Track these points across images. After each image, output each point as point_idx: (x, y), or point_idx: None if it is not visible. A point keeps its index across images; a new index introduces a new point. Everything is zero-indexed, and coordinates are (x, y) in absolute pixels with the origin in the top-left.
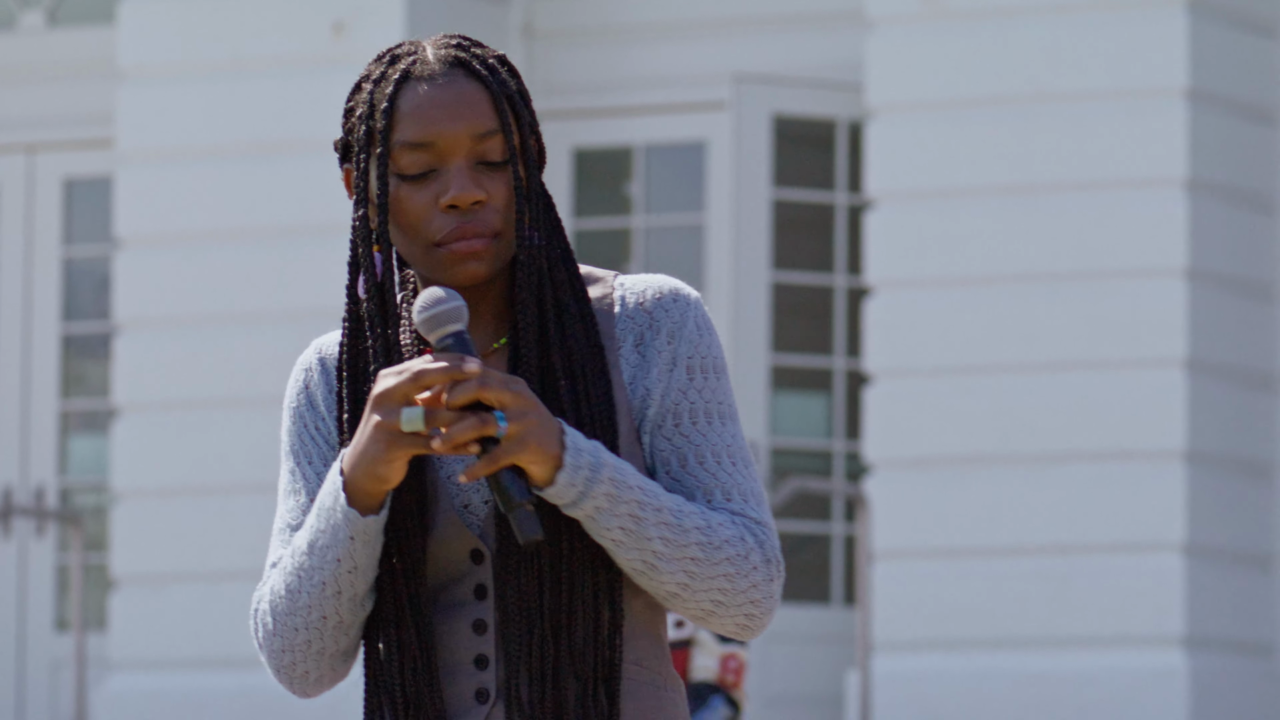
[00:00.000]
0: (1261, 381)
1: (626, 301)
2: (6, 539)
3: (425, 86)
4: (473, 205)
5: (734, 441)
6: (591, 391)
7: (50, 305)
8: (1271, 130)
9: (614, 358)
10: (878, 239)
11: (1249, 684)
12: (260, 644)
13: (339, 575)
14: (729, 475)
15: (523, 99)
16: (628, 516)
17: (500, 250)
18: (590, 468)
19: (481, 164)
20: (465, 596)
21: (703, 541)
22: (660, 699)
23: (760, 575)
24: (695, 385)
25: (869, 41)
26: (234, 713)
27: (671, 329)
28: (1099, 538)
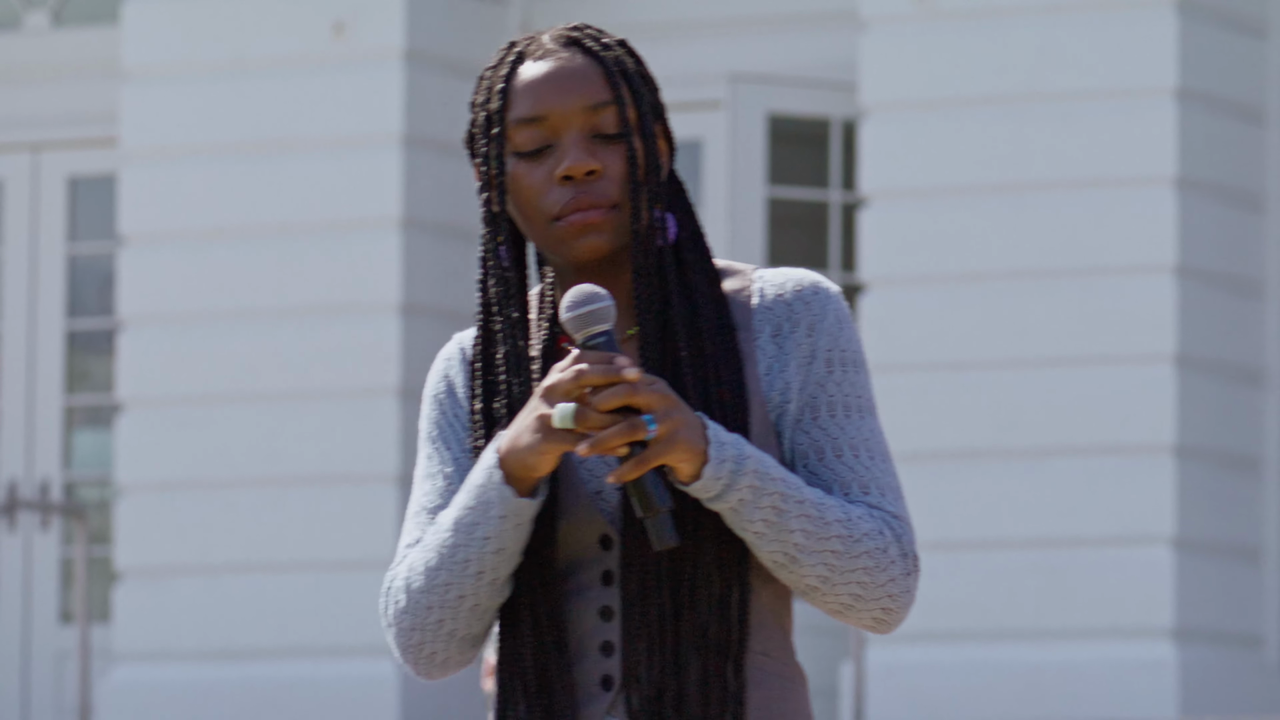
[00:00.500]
0: (1250, 377)
1: (765, 294)
2: (12, 532)
3: (538, 64)
4: (587, 175)
5: (872, 435)
6: (722, 382)
7: (55, 301)
8: (1260, 129)
9: (750, 348)
10: (871, 237)
11: (1237, 675)
12: (389, 622)
13: (483, 554)
14: (867, 469)
15: (643, 79)
16: (770, 509)
17: (620, 223)
18: (734, 461)
19: (597, 136)
20: (592, 582)
21: (843, 535)
22: (785, 690)
23: (898, 569)
24: (834, 378)
25: (863, 41)
26: (237, 704)
27: (811, 322)
28: (1090, 531)
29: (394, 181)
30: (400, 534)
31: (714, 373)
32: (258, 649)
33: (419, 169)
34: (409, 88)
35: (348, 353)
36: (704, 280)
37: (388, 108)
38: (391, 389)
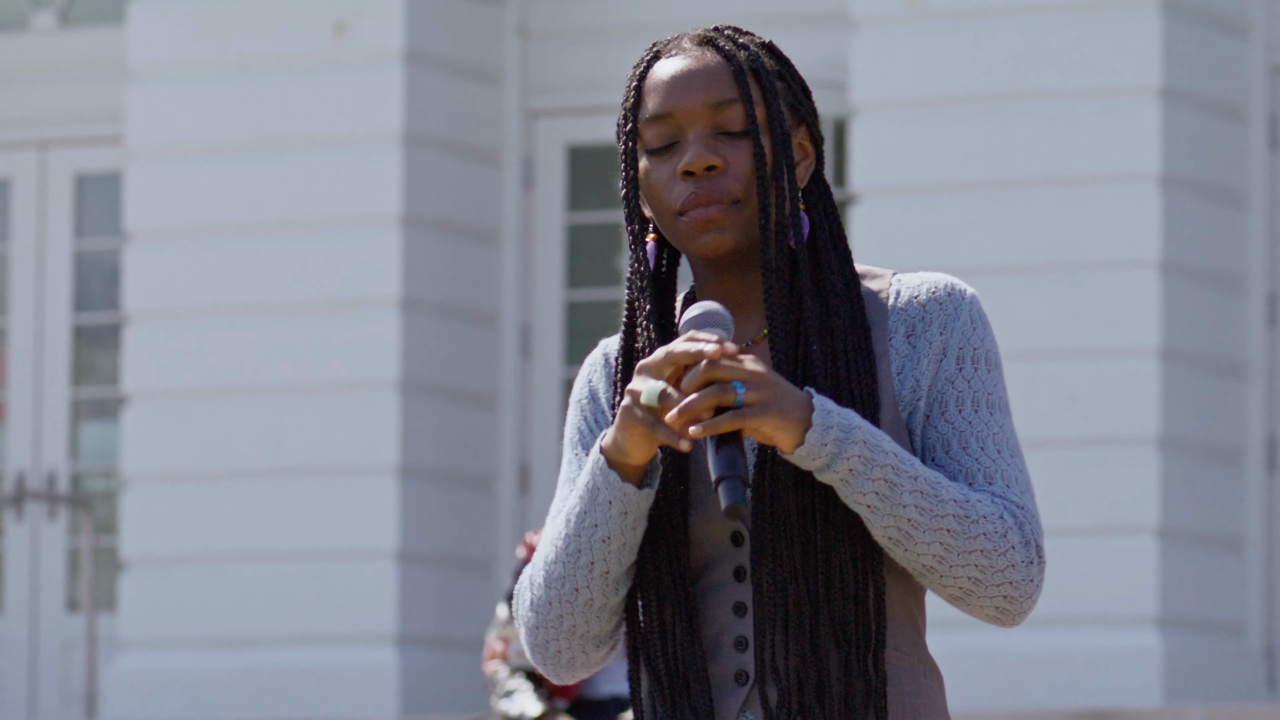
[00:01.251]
0: (1232, 370)
1: (901, 295)
2: (19, 522)
3: (669, 62)
4: (707, 170)
5: (1000, 431)
6: (853, 379)
7: (62, 296)
8: (1243, 127)
9: (884, 348)
10: (862, 232)
11: (1221, 663)
12: (520, 622)
13: (593, 543)
14: (992, 461)
15: (781, 79)
16: (881, 481)
17: (742, 220)
18: (841, 429)
19: (722, 134)
20: (725, 578)
21: (959, 514)
22: (920, 685)
23: (1019, 556)
24: (964, 374)
25: (853, 41)
26: (240, 691)
27: (944, 321)
28: (1075, 521)
29: (394, 179)
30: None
31: (845, 370)
32: (261, 637)
33: (419, 166)
34: (409, 87)
35: (349, 346)
36: (839, 280)
37: (388, 106)
38: (391, 382)
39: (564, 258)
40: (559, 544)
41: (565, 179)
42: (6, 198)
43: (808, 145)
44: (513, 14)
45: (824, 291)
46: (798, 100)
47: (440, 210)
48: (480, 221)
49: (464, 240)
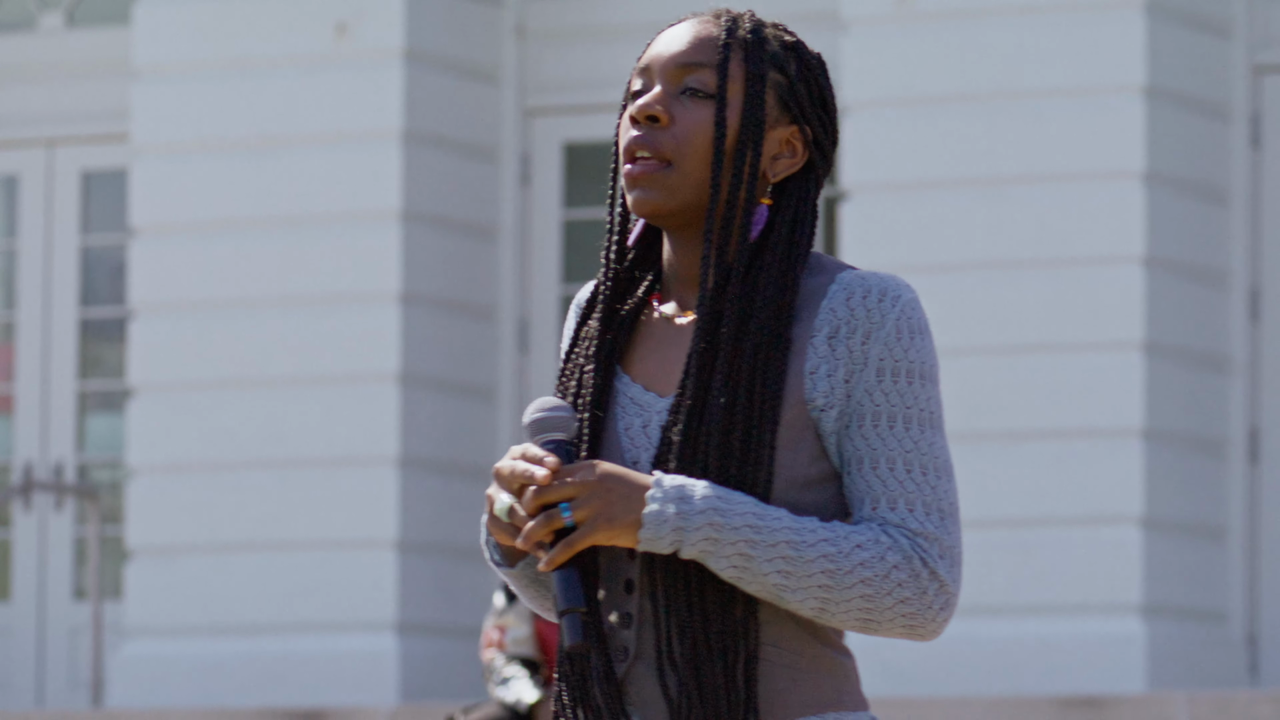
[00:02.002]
0: (1215, 363)
1: (835, 295)
2: (27, 512)
3: (674, 25)
4: (648, 120)
5: (915, 448)
6: (759, 371)
7: (69, 291)
8: (1225, 125)
9: (802, 344)
10: (852, 228)
11: (1203, 650)
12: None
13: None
14: (899, 483)
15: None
16: (736, 555)
17: (673, 181)
18: (679, 519)
19: (687, 93)
20: (619, 554)
21: (829, 568)
22: (796, 680)
23: (909, 589)
24: (882, 388)
25: (844, 41)
26: (243, 677)
27: (868, 329)
28: (1061, 511)
29: (394, 176)
30: None
31: (751, 361)
32: (263, 624)
33: (418, 164)
34: (409, 86)
35: (350, 340)
36: (775, 274)
37: (388, 105)
38: (392, 375)
39: (560, 253)
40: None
41: (562, 176)
42: (14, 194)
43: (797, 145)
44: (510, 14)
45: (753, 282)
46: (797, 99)
47: (439, 206)
48: (478, 218)
49: (462, 236)
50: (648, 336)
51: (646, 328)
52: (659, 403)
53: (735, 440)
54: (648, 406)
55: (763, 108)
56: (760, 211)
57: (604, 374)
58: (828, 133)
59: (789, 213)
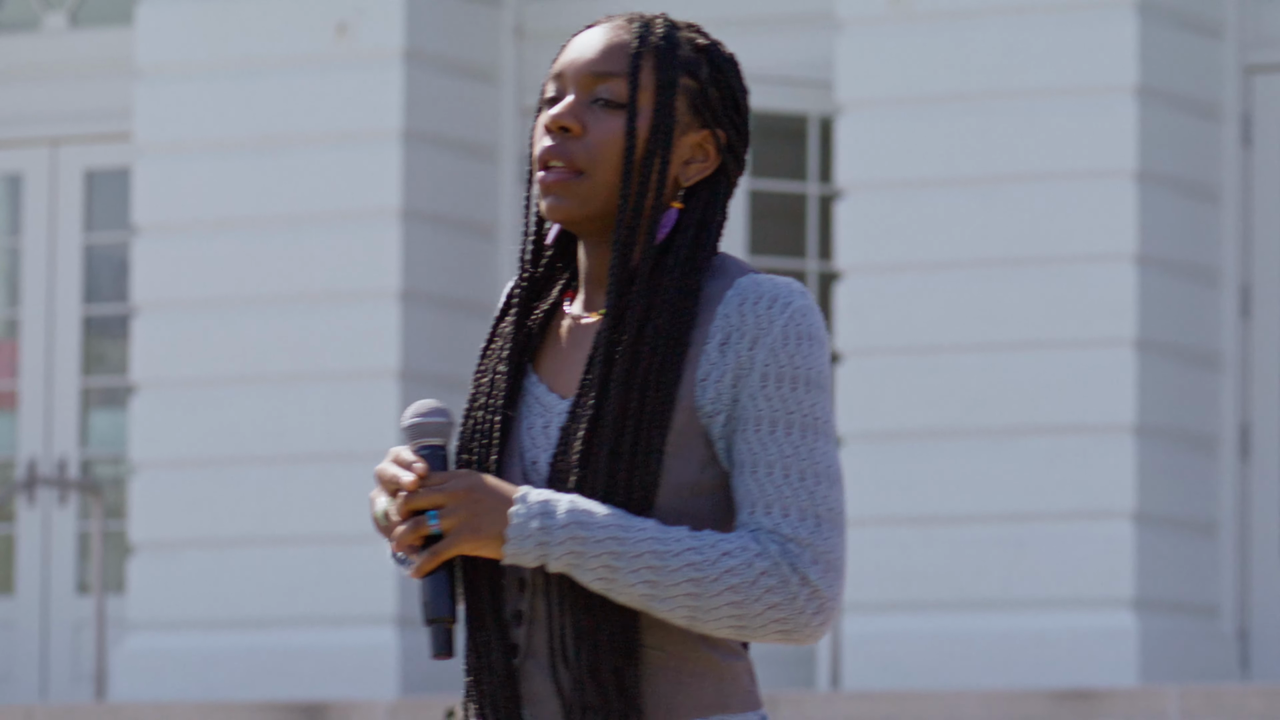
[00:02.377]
0: (1206, 360)
1: (731, 300)
2: (31, 508)
3: (588, 30)
4: (561, 130)
5: (797, 455)
6: (652, 378)
7: (72, 288)
8: (1216, 124)
9: (697, 351)
10: (847, 227)
11: (1195, 643)
12: None
13: None
14: (777, 488)
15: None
16: (601, 568)
17: (585, 190)
18: (542, 533)
19: (599, 102)
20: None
21: (695, 576)
22: (680, 683)
23: (780, 595)
24: (766, 394)
25: (838, 41)
26: (244, 671)
27: (756, 335)
28: (1054, 506)
29: (394, 174)
30: None
31: (647, 367)
32: (265, 618)
33: (418, 162)
34: (408, 85)
35: (350, 337)
36: (677, 279)
37: (388, 104)
38: (391, 371)
39: None
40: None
41: None
42: (18, 193)
43: (709, 149)
44: (509, 15)
45: (655, 288)
46: (709, 104)
47: (439, 205)
48: (478, 215)
49: (462, 234)
50: (558, 337)
51: (558, 328)
52: (560, 404)
53: (625, 445)
54: (550, 407)
55: (673, 116)
56: (669, 215)
57: (514, 374)
58: (739, 135)
59: (696, 216)
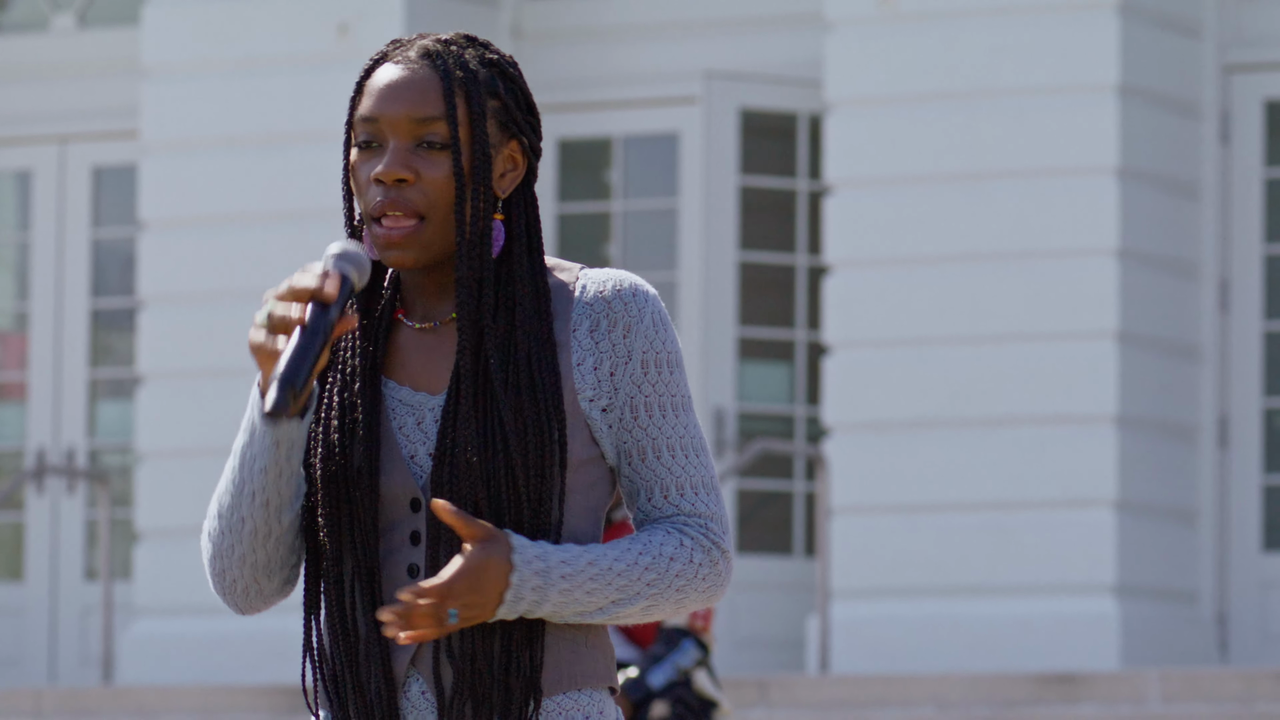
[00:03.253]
0: (1186, 352)
1: (587, 290)
2: (40, 496)
3: (391, 68)
4: (396, 182)
5: (685, 432)
6: (535, 367)
7: (80, 282)
8: (1195, 122)
9: (565, 338)
10: (836, 222)
11: (1175, 628)
12: (204, 557)
13: (254, 475)
14: (681, 468)
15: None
16: (585, 597)
17: (425, 238)
18: (536, 591)
19: (425, 145)
20: (402, 542)
21: (653, 580)
22: (579, 654)
23: (707, 569)
24: (649, 379)
25: (828, 41)
26: (248, 655)
27: (628, 323)
28: (1038, 494)
29: None
30: None
31: (526, 360)
32: None
33: None
34: None
35: None
36: (528, 284)
37: None
38: None
39: (554, 248)
40: (227, 477)
41: (555, 171)
42: (28, 189)
43: (518, 158)
44: (506, 14)
45: (511, 297)
46: (511, 116)
47: None
48: None
49: None
50: (402, 346)
51: (399, 338)
52: (430, 400)
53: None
54: (419, 405)
55: (488, 141)
56: (497, 229)
57: (373, 384)
58: (536, 133)
59: (521, 222)
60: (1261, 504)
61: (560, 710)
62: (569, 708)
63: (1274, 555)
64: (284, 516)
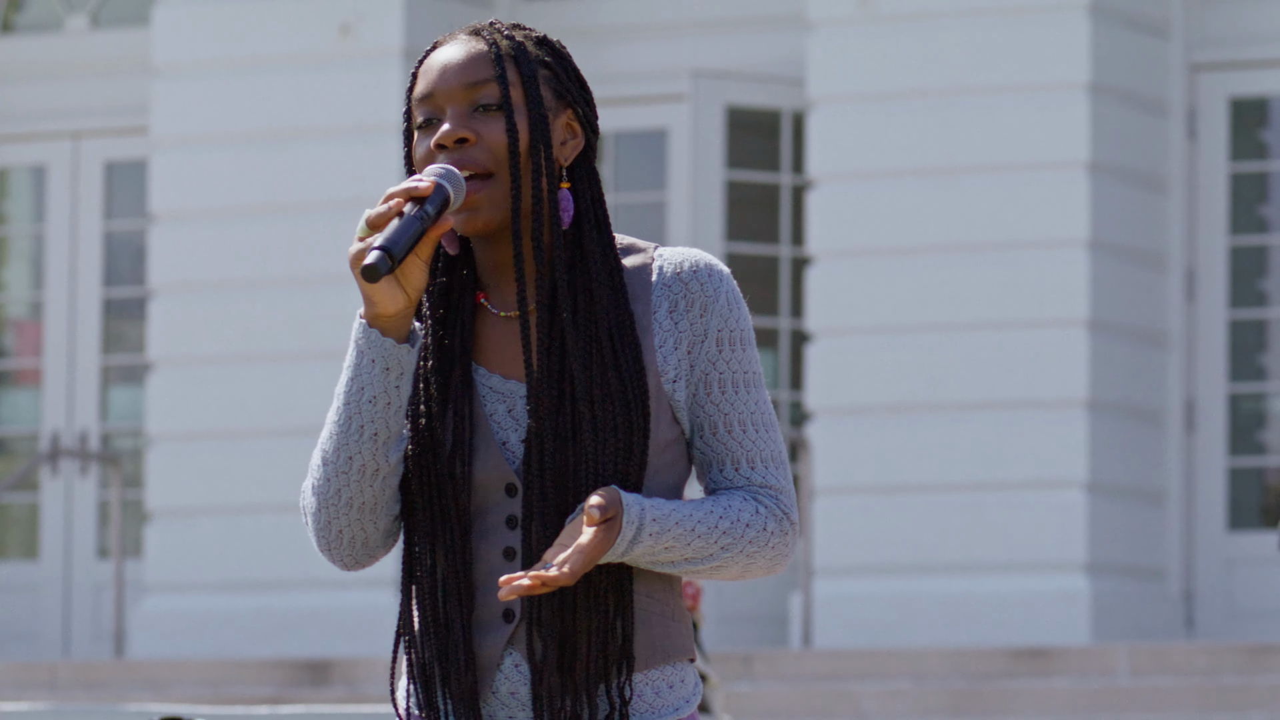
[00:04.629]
0: (1154, 339)
1: (664, 271)
2: (55, 478)
3: (439, 51)
4: (457, 143)
5: (757, 408)
6: (619, 350)
7: (93, 272)
8: (1163, 119)
9: (647, 322)
10: (818, 214)
11: (1143, 604)
12: (306, 516)
13: (362, 406)
14: (753, 442)
15: (545, 66)
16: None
17: (496, 195)
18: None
19: (480, 108)
20: (498, 524)
21: (728, 544)
22: (668, 628)
23: (776, 538)
24: (724, 356)
25: (810, 42)
26: (253, 629)
27: (705, 302)
28: (1011, 476)
29: (393, 165)
30: None
31: (608, 342)
32: (273, 581)
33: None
34: (407, 82)
35: (349, 317)
36: (600, 258)
37: (387, 100)
38: None
39: None
40: (332, 420)
41: None
42: (43, 183)
43: (576, 126)
44: (501, 15)
45: (585, 268)
46: (565, 87)
47: None
48: None
49: None
50: (488, 333)
51: (484, 325)
52: (520, 388)
53: (617, 416)
54: (510, 393)
55: (543, 103)
56: (564, 198)
57: (464, 371)
58: (592, 110)
59: (587, 193)
60: (1226, 485)
61: (649, 683)
62: (657, 680)
63: (1238, 534)
64: (391, 453)
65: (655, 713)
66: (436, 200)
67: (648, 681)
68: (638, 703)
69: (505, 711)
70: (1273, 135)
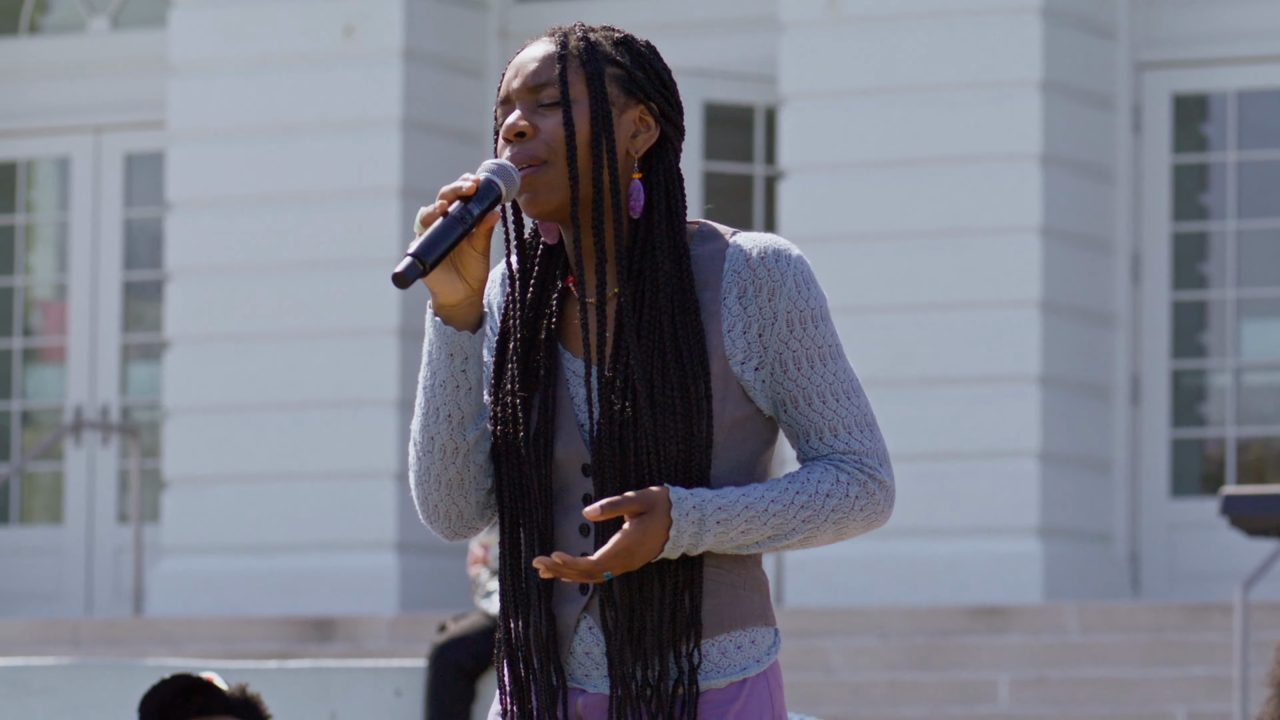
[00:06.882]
0: (1102, 319)
1: (734, 258)
2: (78, 448)
3: (519, 55)
4: (517, 136)
5: (835, 379)
6: (680, 336)
7: (114, 257)
8: (1111, 113)
9: (715, 307)
10: (789, 203)
11: (1092, 566)
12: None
13: (436, 391)
14: (834, 411)
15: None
16: (740, 535)
17: (553, 180)
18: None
19: (542, 106)
20: (575, 503)
21: (809, 516)
22: (737, 597)
23: (864, 500)
24: (795, 335)
25: (781, 42)
26: (264, 590)
27: (772, 287)
28: (969, 446)
29: (393, 157)
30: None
31: (671, 328)
32: (281, 544)
33: (415, 147)
34: (406, 80)
35: (356, 299)
36: (667, 246)
37: (389, 96)
38: (392, 329)
39: None
40: (418, 408)
41: None
42: (67, 174)
43: (649, 120)
44: (494, 18)
45: (652, 256)
46: (635, 82)
47: (433, 184)
48: None
49: None
50: (573, 316)
51: (570, 310)
52: (595, 373)
53: (676, 399)
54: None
55: (606, 98)
56: (635, 187)
57: (550, 355)
58: (672, 105)
59: (660, 182)
60: (1169, 455)
61: (716, 645)
62: (725, 643)
63: (1181, 501)
64: (468, 432)
65: (720, 672)
66: (485, 197)
67: (715, 644)
68: (704, 663)
69: (582, 670)
70: (1213, 129)
